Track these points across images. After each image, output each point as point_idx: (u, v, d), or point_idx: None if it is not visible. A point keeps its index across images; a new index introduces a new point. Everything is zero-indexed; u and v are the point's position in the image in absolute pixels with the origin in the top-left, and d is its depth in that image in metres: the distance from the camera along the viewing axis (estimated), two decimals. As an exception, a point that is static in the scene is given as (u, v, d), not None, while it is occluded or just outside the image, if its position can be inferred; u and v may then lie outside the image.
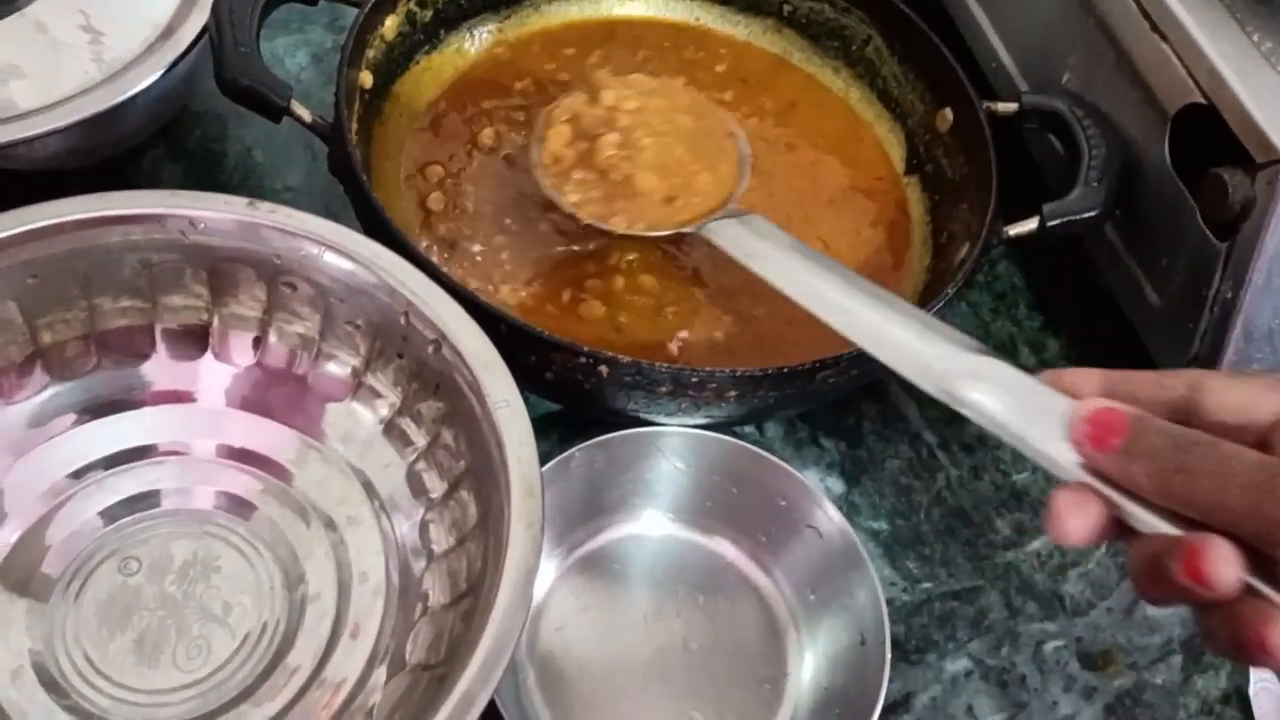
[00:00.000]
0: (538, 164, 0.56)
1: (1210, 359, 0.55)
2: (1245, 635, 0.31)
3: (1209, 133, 0.52)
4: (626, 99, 0.58)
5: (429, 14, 0.63)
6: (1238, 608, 0.32)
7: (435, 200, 0.59)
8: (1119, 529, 0.35)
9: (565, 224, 0.58)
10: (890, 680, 0.50)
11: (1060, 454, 0.35)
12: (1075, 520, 0.34)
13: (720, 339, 0.57)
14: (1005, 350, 0.65)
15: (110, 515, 0.49)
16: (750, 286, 0.54)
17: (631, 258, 0.58)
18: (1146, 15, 0.56)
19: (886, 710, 0.52)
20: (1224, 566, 0.31)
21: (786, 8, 0.69)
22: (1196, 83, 0.53)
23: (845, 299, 0.46)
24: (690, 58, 0.68)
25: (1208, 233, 0.53)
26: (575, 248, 0.59)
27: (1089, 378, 0.37)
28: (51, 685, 0.45)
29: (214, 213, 0.49)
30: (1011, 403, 0.37)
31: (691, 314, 0.58)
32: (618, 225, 0.54)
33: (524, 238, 0.59)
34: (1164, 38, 0.55)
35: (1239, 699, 0.55)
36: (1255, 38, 0.53)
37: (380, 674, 0.45)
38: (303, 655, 0.46)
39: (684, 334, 0.56)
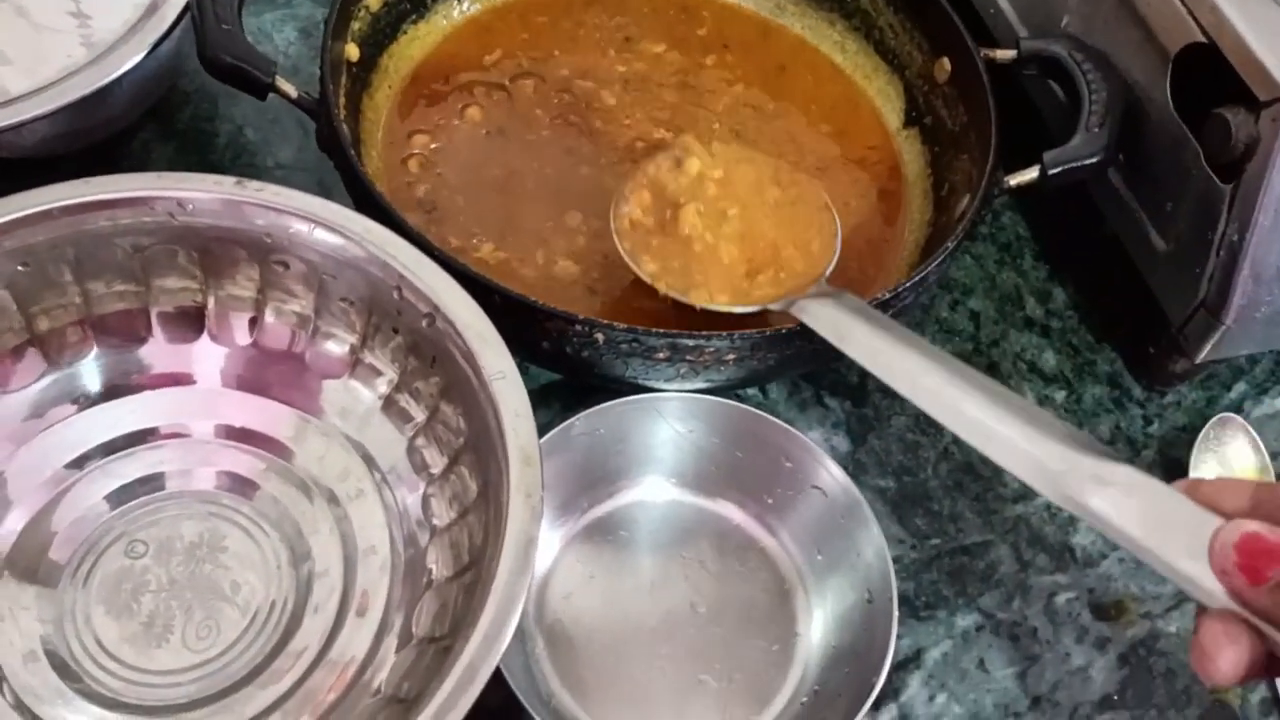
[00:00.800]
0: (615, 229, 0.54)
1: (1217, 303, 0.54)
2: None
3: (1211, 72, 0.51)
4: (713, 167, 0.56)
5: (414, -18, 0.62)
6: None
7: (416, 167, 0.59)
8: (1272, 663, 0.31)
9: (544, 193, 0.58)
10: (901, 637, 0.51)
11: (1202, 578, 0.31)
12: (1226, 656, 0.30)
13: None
14: (1011, 301, 0.64)
15: (115, 499, 0.49)
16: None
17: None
18: (1145, -47, 0.54)
19: (898, 666, 0.52)
20: None
21: (780, -40, 0.68)
22: (1197, 21, 0.52)
23: (948, 388, 0.42)
24: (670, 20, 0.67)
25: (1212, 174, 0.52)
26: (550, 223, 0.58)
27: (1234, 491, 0.33)
28: (63, 669, 0.45)
29: (202, 193, 0.48)
30: (1142, 514, 0.33)
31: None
32: (697, 299, 0.52)
33: (506, 206, 0.58)
34: (1163, -24, 0.53)
35: (1254, 645, 0.54)
36: (1257, -28, 0.52)
37: (388, 647, 0.45)
38: (310, 635, 0.46)
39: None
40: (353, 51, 0.58)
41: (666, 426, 0.52)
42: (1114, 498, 0.34)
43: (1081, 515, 0.35)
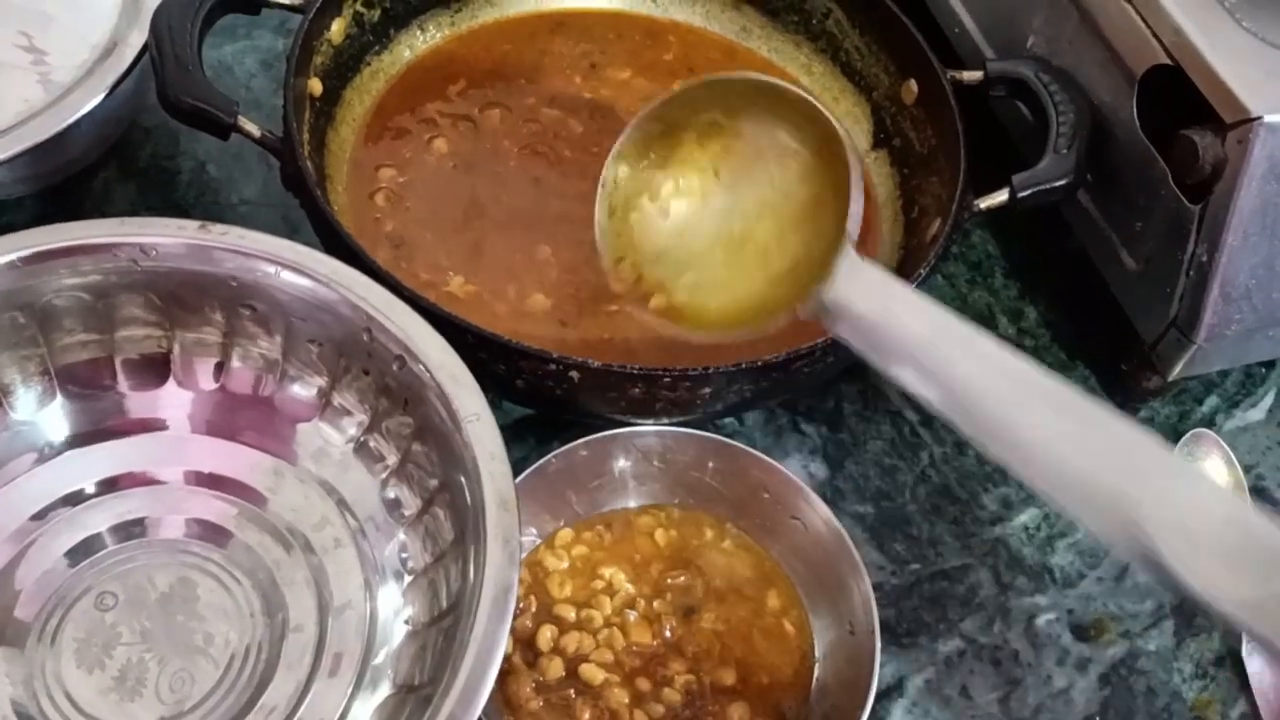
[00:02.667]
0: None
1: (1189, 322, 0.54)
2: None
3: (1177, 94, 0.51)
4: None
5: (377, 14, 0.62)
6: None
7: (383, 201, 0.58)
8: None
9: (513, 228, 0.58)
10: (883, 665, 0.50)
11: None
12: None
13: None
14: (983, 320, 0.64)
15: (82, 551, 0.48)
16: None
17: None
18: (1108, -25, 0.54)
19: (881, 696, 0.51)
20: None
21: (744, -18, 0.68)
22: (1161, 42, 0.52)
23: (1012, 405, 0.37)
24: (636, 46, 0.67)
25: (1180, 195, 0.52)
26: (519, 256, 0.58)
27: None
28: (35, 730, 0.44)
29: (165, 239, 0.48)
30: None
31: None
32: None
33: (476, 240, 0.58)
34: (1126, -2, 0.54)
35: (1233, 661, 0.54)
36: (1219, -7, 0.52)
37: (364, 704, 0.45)
38: (281, 692, 0.45)
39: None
40: (315, 86, 0.57)
41: (643, 460, 0.52)
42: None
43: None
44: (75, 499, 0.49)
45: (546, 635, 0.48)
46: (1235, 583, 0.28)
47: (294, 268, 0.47)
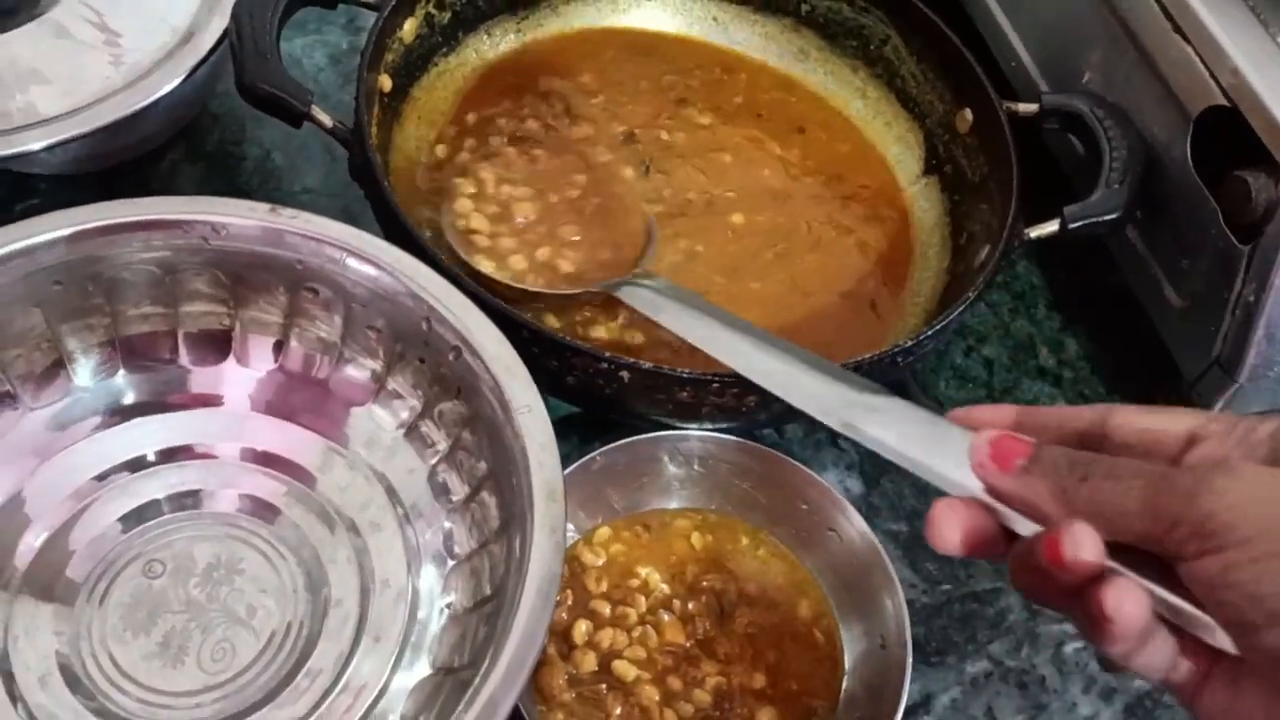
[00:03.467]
0: (449, 227, 0.58)
1: (1232, 361, 0.55)
2: (1092, 608, 0.33)
3: (1232, 134, 0.52)
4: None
5: (447, 16, 0.63)
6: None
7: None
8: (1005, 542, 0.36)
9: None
10: (911, 681, 0.51)
11: (964, 479, 0.36)
12: (948, 526, 0.36)
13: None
14: (1024, 349, 0.65)
15: (135, 518, 0.49)
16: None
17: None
18: (1168, 15, 0.55)
19: (908, 712, 0.51)
20: (1082, 548, 0.33)
21: (805, 7, 0.69)
22: (1219, 84, 0.53)
23: (752, 349, 0.49)
24: (715, 83, 0.68)
25: (1230, 235, 0.53)
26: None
27: (1000, 411, 0.39)
28: (78, 688, 0.45)
29: (237, 219, 0.49)
30: (910, 434, 0.39)
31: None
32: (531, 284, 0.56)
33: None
34: (1186, 38, 0.54)
35: None
36: (1278, 38, 0.53)
37: (403, 679, 0.45)
38: (325, 659, 0.46)
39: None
40: (385, 82, 0.59)
41: (685, 464, 0.53)
42: (885, 423, 0.40)
43: (860, 440, 0.41)
44: (134, 466, 0.50)
45: (582, 629, 0.49)
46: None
47: (360, 254, 0.49)
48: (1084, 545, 0.33)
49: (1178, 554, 0.32)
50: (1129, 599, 0.32)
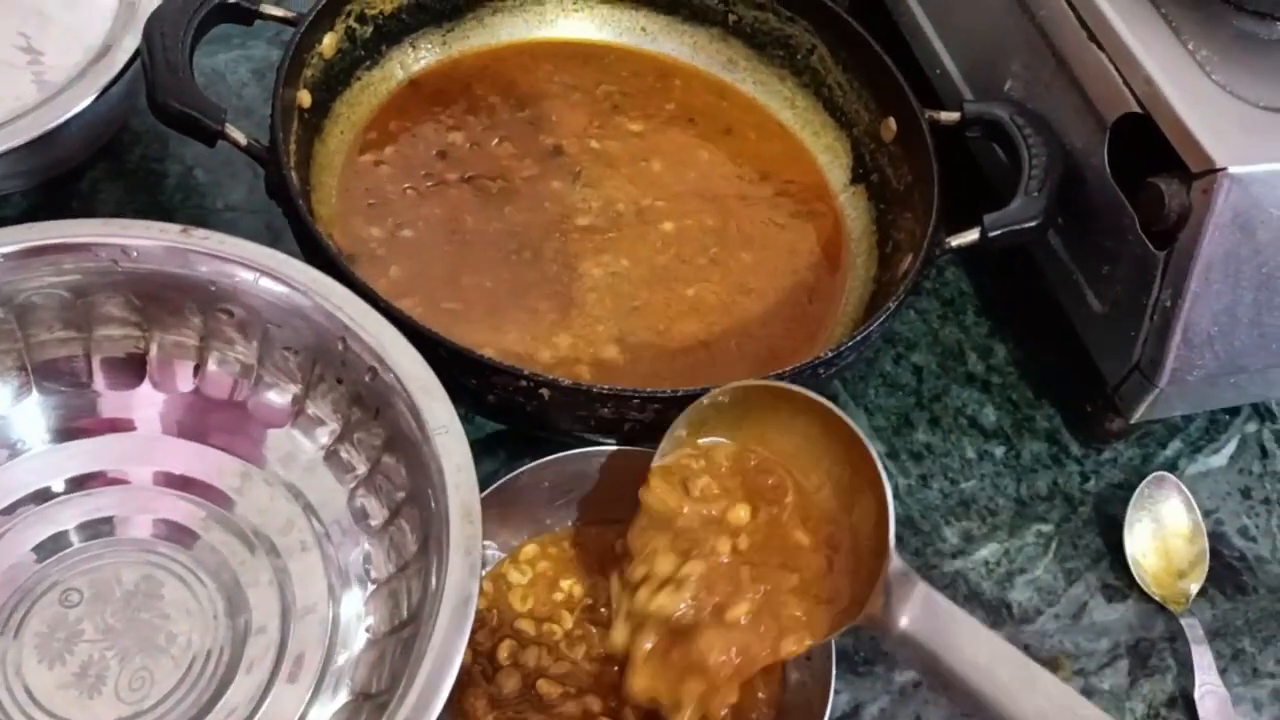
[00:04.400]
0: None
1: (1151, 366, 0.55)
2: None
3: (1147, 141, 0.53)
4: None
5: (369, 30, 0.63)
6: None
7: (376, 220, 0.59)
8: None
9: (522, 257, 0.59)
10: (839, 692, 0.51)
11: None
12: None
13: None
14: (953, 356, 0.65)
15: (49, 547, 0.48)
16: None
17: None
18: (1083, 23, 0.56)
19: (836, 723, 0.52)
20: None
21: (732, 17, 0.69)
22: (1133, 92, 0.53)
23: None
24: (649, 90, 0.68)
25: (1146, 241, 0.53)
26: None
27: None
28: (-9, 722, 0.44)
29: (146, 240, 0.48)
30: None
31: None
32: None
33: (469, 261, 0.59)
34: (1100, 46, 0.55)
35: (1185, 702, 0.55)
36: (1190, 46, 0.54)
37: (321, 709, 0.45)
38: (241, 694, 0.45)
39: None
40: (304, 98, 0.58)
41: (611, 480, 0.53)
42: None
43: None
44: (45, 495, 0.49)
45: (505, 649, 0.49)
46: None
47: (272, 274, 0.48)
48: None
49: None
50: None
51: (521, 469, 0.51)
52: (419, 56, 0.66)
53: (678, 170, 0.65)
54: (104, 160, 0.63)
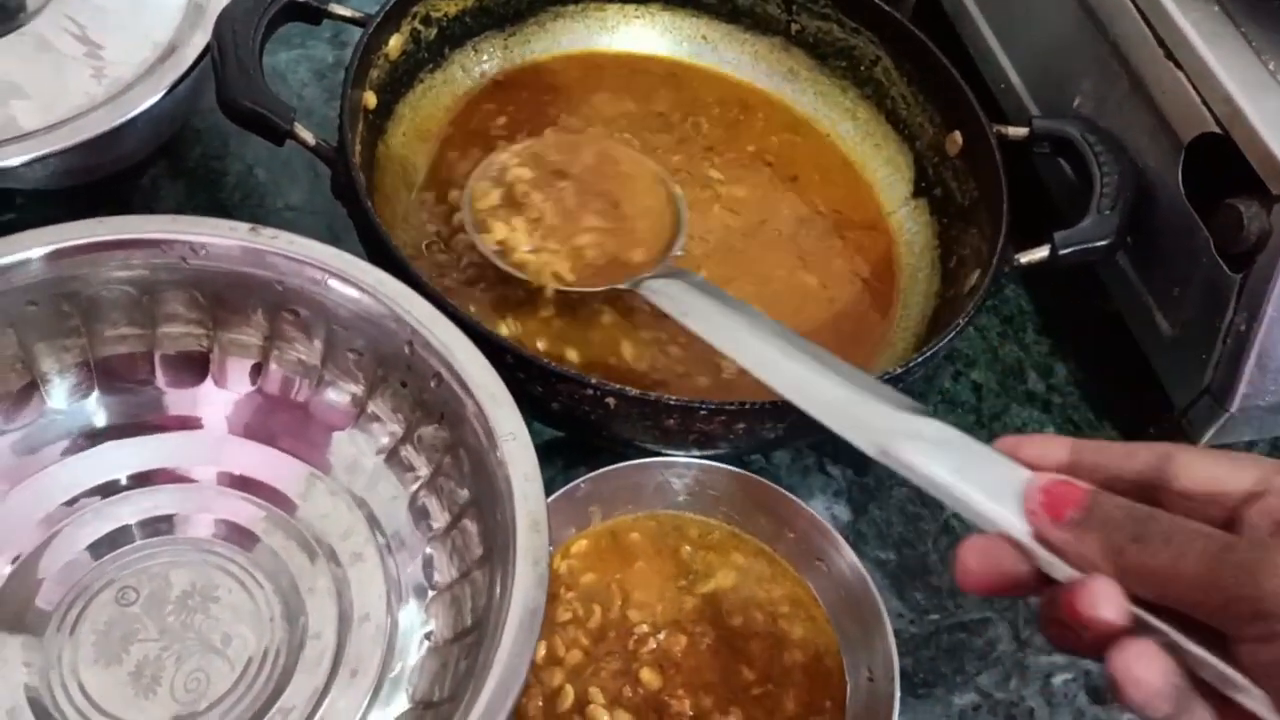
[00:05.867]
0: (467, 221, 0.56)
1: (1223, 390, 0.54)
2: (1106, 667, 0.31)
3: (1224, 162, 0.52)
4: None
5: (434, 32, 0.62)
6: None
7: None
8: (1039, 583, 0.34)
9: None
10: (899, 714, 0.50)
11: (1009, 521, 0.34)
12: (978, 565, 0.34)
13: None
14: (1013, 374, 0.64)
15: (107, 544, 0.48)
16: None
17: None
18: (1161, 42, 0.55)
19: (894, 746, 0.51)
20: (1101, 605, 0.31)
21: (794, 26, 0.68)
22: (1211, 112, 0.52)
23: (782, 357, 0.46)
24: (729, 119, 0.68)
25: (1222, 263, 0.53)
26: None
27: (1053, 445, 0.36)
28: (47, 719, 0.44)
29: (216, 238, 0.48)
30: (957, 467, 0.36)
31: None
32: (549, 280, 0.54)
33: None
34: (1179, 65, 0.54)
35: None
36: (1271, 66, 0.53)
37: (379, 716, 0.44)
38: (299, 694, 0.45)
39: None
40: (370, 99, 0.58)
41: (671, 492, 0.52)
42: (931, 452, 0.37)
43: (902, 471, 0.37)
44: (107, 490, 0.49)
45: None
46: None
47: (341, 276, 0.48)
48: (1103, 603, 0.31)
49: (1234, 633, 0.30)
50: (1140, 663, 0.31)
51: (582, 478, 0.50)
52: (480, 60, 0.65)
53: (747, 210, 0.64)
54: (165, 158, 0.63)
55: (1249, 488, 0.33)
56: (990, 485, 0.35)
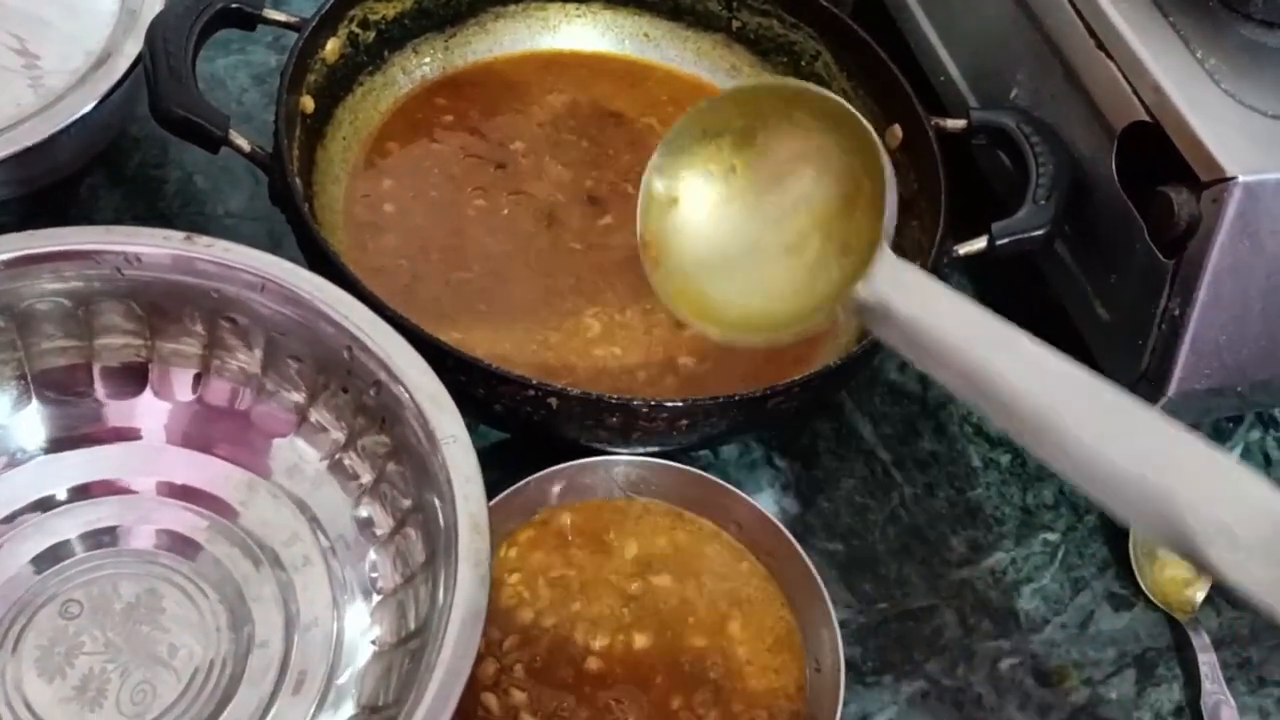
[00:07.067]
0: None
1: (1159, 375, 0.55)
2: None
3: (1156, 150, 0.53)
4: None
5: (372, 35, 0.62)
6: None
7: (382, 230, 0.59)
8: None
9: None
10: (846, 703, 0.50)
11: None
12: None
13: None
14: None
15: (49, 558, 0.48)
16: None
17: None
18: (1092, 32, 0.56)
19: (844, 734, 0.52)
20: None
21: (735, 23, 0.68)
22: (1141, 100, 0.53)
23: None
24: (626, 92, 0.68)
25: (1155, 250, 0.53)
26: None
27: None
28: (-10, 737, 0.44)
29: (150, 248, 0.48)
30: None
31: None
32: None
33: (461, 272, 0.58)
34: (1109, 55, 0.55)
35: (1192, 711, 0.55)
36: (1199, 54, 0.54)
37: (326, 722, 0.44)
38: (245, 707, 0.45)
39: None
40: (308, 104, 0.58)
41: (617, 490, 0.52)
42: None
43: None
44: (46, 505, 0.49)
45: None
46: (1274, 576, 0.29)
47: (278, 283, 0.47)
48: None
49: None
50: None
51: (529, 478, 0.50)
52: (421, 62, 0.65)
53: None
54: (102, 167, 0.63)
55: None
56: None
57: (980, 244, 0.56)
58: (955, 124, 0.60)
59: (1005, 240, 0.56)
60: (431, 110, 0.64)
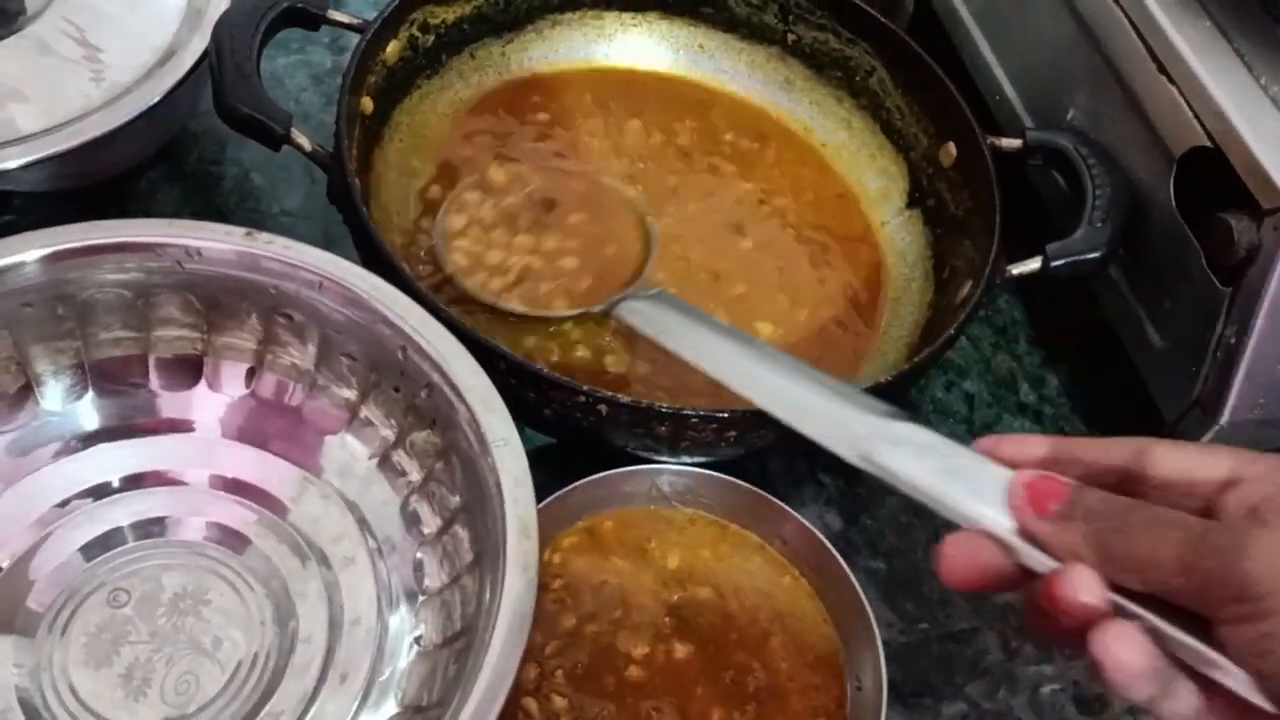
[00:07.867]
0: (440, 241, 0.57)
1: (1213, 403, 0.55)
2: (1087, 650, 0.32)
3: (1216, 176, 0.52)
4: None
5: (431, 39, 0.63)
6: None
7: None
8: (1021, 579, 0.35)
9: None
10: (887, 723, 0.50)
11: (988, 517, 0.35)
12: (962, 561, 0.35)
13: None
14: (1005, 384, 0.65)
15: (99, 546, 0.48)
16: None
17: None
18: (1154, 56, 0.55)
19: (882, 754, 0.51)
20: (1081, 590, 0.32)
21: (790, 36, 0.68)
22: (1203, 126, 0.53)
23: (760, 370, 0.46)
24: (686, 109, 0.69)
25: (1212, 277, 0.53)
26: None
27: (1030, 443, 0.37)
28: (37, 721, 0.44)
29: (211, 242, 0.48)
30: (938, 468, 0.37)
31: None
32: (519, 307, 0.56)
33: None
34: (1171, 79, 0.54)
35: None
36: (1263, 81, 0.53)
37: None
38: (288, 698, 0.45)
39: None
40: (367, 105, 0.58)
41: (662, 498, 0.52)
42: (912, 456, 0.37)
43: (877, 473, 0.38)
44: (99, 492, 0.49)
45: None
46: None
47: (336, 281, 0.48)
48: (1083, 588, 0.32)
49: (1214, 615, 0.31)
50: (1120, 644, 0.32)
51: (575, 484, 0.50)
52: (478, 66, 0.66)
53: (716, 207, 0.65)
54: (162, 161, 0.63)
55: (1224, 477, 0.34)
56: (972, 484, 0.36)
57: (1035, 264, 0.56)
58: (1011, 143, 0.60)
59: (1060, 262, 0.55)
60: (486, 119, 0.65)
